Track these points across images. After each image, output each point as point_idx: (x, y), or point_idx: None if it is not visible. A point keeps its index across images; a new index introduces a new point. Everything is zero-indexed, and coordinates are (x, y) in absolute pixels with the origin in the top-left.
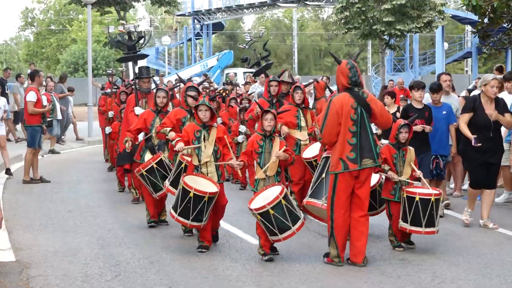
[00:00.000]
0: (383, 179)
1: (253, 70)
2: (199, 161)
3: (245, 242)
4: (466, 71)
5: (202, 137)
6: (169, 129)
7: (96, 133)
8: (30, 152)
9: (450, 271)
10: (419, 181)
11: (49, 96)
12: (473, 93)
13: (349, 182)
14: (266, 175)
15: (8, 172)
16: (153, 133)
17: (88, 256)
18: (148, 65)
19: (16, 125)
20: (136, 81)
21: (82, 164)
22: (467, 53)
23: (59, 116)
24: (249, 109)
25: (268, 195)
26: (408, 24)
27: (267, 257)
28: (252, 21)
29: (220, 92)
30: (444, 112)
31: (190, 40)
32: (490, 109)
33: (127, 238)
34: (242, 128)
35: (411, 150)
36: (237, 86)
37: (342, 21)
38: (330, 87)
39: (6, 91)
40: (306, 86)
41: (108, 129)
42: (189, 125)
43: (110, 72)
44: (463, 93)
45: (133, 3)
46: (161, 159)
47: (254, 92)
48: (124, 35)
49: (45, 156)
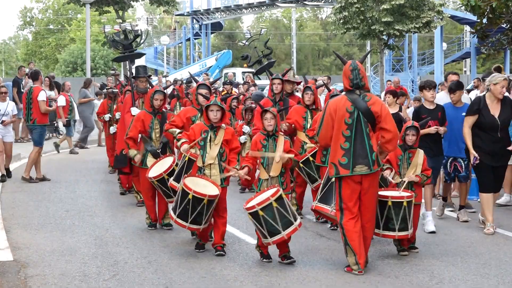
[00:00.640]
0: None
1: (252, 70)
2: (203, 162)
3: (243, 242)
4: (465, 72)
5: (209, 138)
6: (178, 131)
7: (94, 133)
8: (37, 151)
9: (448, 271)
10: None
11: (67, 97)
12: (471, 93)
13: (354, 187)
14: (269, 176)
15: (3, 178)
16: (153, 136)
17: (86, 256)
18: (147, 65)
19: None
20: (133, 81)
21: (80, 164)
22: (466, 54)
23: (77, 117)
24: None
25: (265, 195)
26: (407, 24)
27: (265, 259)
28: (251, 21)
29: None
30: (464, 114)
31: (189, 40)
32: (496, 110)
33: (125, 238)
34: (246, 129)
35: (420, 153)
36: (236, 86)
37: (341, 21)
38: (328, 86)
39: (22, 90)
40: (318, 88)
41: (113, 129)
42: (197, 125)
43: (114, 72)
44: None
45: (132, 3)
46: (173, 169)
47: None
48: (120, 34)
49: (44, 155)
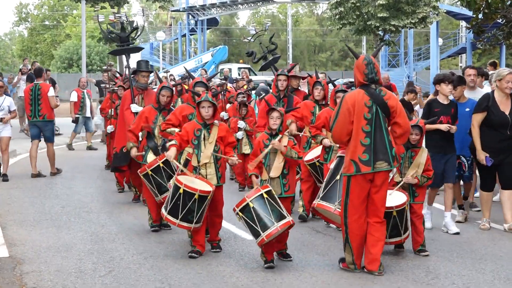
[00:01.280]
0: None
1: (247, 66)
2: (198, 162)
3: (239, 238)
4: (461, 67)
5: (202, 137)
6: (178, 130)
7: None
8: (53, 146)
9: (444, 267)
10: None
11: (80, 93)
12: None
13: (363, 186)
14: (269, 177)
15: (5, 178)
16: (156, 132)
17: (82, 252)
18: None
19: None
20: (132, 76)
21: (76, 160)
22: (462, 49)
23: (88, 114)
24: (257, 124)
25: (253, 191)
26: (403, 20)
27: (268, 265)
28: (247, 17)
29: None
30: (468, 109)
31: (185, 36)
32: (506, 106)
33: (121, 234)
34: (241, 124)
35: (423, 153)
36: (232, 82)
37: (337, 17)
38: (334, 82)
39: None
40: (329, 84)
41: (110, 128)
42: (190, 124)
43: (106, 68)
44: None
45: None
46: (167, 159)
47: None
48: (116, 26)
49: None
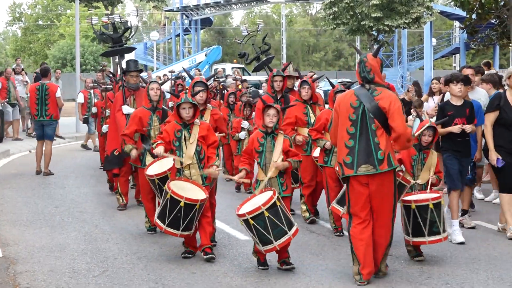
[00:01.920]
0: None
1: (241, 66)
2: (181, 163)
3: (233, 238)
4: (454, 67)
5: (183, 137)
6: None
7: (84, 129)
8: (51, 145)
9: (438, 266)
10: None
11: (87, 94)
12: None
13: (360, 189)
14: (267, 177)
15: None
16: (152, 134)
17: (75, 252)
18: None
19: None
20: (123, 77)
21: (69, 160)
22: (455, 49)
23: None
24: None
25: (257, 202)
26: (397, 20)
27: (263, 267)
28: (241, 17)
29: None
30: None
31: (179, 36)
32: None
33: (114, 234)
34: (245, 124)
35: (434, 154)
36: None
37: (331, 17)
38: (332, 82)
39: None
40: (315, 81)
41: (106, 128)
42: (169, 125)
43: (101, 68)
44: None
45: None
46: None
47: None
48: (109, 27)
49: (33, 152)
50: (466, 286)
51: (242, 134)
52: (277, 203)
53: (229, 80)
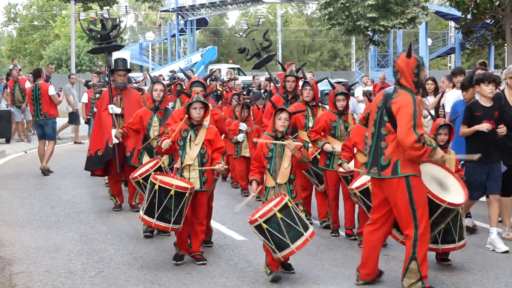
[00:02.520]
0: None
1: (237, 66)
2: (181, 163)
3: (229, 238)
4: (450, 67)
5: (189, 138)
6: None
7: (80, 129)
8: (53, 145)
9: (433, 267)
10: None
11: (91, 94)
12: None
13: (374, 190)
14: (277, 183)
15: None
16: (151, 134)
17: (71, 252)
18: (132, 61)
19: (75, 126)
20: (111, 75)
21: (65, 161)
22: (451, 49)
23: None
24: (263, 125)
25: (266, 208)
26: (392, 20)
27: (273, 276)
28: (237, 17)
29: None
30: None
31: (174, 36)
32: None
33: (110, 234)
34: (243, 126)
35: (451, 154)
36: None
37: (326, 17)
38: (333, 83)
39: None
40: (318, 83)
41: None
42: (177, 124)
43: (98, 70)
44: None
45: None
46: (160, 166)
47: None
48: (97, 23)
49: (28, 152)
50: (462, 286)
51: (240, 137)
52: (289, 204)
53: (238, 82)
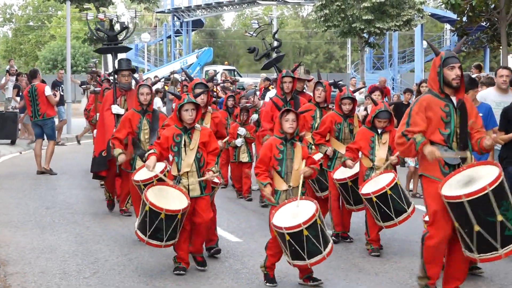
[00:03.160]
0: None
1: (232, 68)
2: (178, 171)
3: (224, 240)
4: None
5: (183, 143)
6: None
7: (75, 131)
8: (53, 144)
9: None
10: None
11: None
12: None
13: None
14: (289, 186)
15: None
16: (142, 137)
17: (66, 253)
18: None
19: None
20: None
21: (60, 161)
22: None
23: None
24: (263, 128)
25: (297, 212)
26: (388, 22)
27: (271, 284)
28: (232, 18)
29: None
30: (480, 114)
31: (170, 37)
32: None
33: (106, 235)
34: (242, 131)
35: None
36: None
37: (322, 19)
38: (340, 85)
39: (61, 93)
40: (331, 85)
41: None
42: (169, 129)
43: (92, 70)
44: None
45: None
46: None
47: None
48: (105, 24)
49: (23, 153)
50: None
51: (239, 141)
52: (318, 222)
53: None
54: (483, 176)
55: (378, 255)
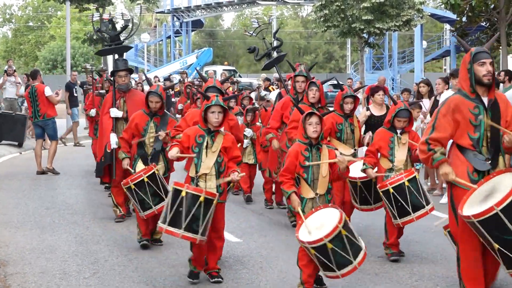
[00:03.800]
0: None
1: (232, 68)
2: (196, 172)
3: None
4: (445, 70)
5: (205, 145)
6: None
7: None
8: (56, 144)
9: (428, 268)
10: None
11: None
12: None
13: None
14: (316, 194)
15: None
16: (147, 140)
17: (66, 254)
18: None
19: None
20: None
21: (60, 161)
22: (446, 52)
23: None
24: (270, 126)
25: (322, 223)
26: (387, 23)
27: None
28: (232, 19)
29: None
30: None
31: (169, 38)
32: None
33: (105, 236)
34: (249, 132)
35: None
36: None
37: (321, 19)
38: (342, 85)
39: (75, 94)
40: (323, 83)
41: (93, 112)
42: (191, 129)
43: (91, 68)
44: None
45: (112, 0)
46: (154, 173)
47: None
48: (108, 24)
49: (23, 154)
50: None
51: (245, 143)
52: (343, 232)
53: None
54: (503, 189)
55: (398, 260)
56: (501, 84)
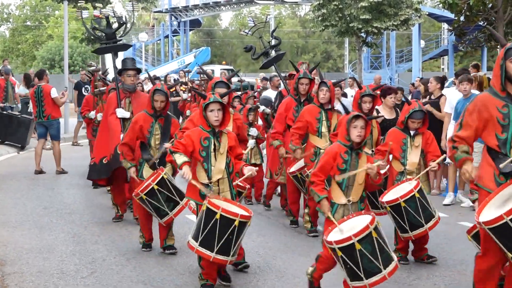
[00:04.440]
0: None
1: (230, 67)
2: (209, 178)
3: None
4: (443, 69)
5: (212, 147)
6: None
7: (72, 130)
8: (59, 144)
9: (426, 268)
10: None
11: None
12: (447, 90)
13: None
14: (349, 201)
15: None
16: (152, 143)
17: (64, 253)
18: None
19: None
20: (119, 77)
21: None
22: (444, 51)
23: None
24: (275, 130)
25: (353, 226)
26: (385, 22)
27: None
28: (230, 18)
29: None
30: None
31: (167, 37)
32: None
33: (103, 235)
34: (254, 132)
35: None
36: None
37: (319, 19)
38: (360, 84)
39: (84, 93)
40: (335, 85)
41: (92, 114)
42: (194, 131)
43: (95, 68)
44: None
45: None
46: (163, 177)
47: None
48: (102, 21)
49: (21, 153)
50: None
51: (250, 143)
52: (373, 234)
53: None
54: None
55: (408, 263)
56: None
